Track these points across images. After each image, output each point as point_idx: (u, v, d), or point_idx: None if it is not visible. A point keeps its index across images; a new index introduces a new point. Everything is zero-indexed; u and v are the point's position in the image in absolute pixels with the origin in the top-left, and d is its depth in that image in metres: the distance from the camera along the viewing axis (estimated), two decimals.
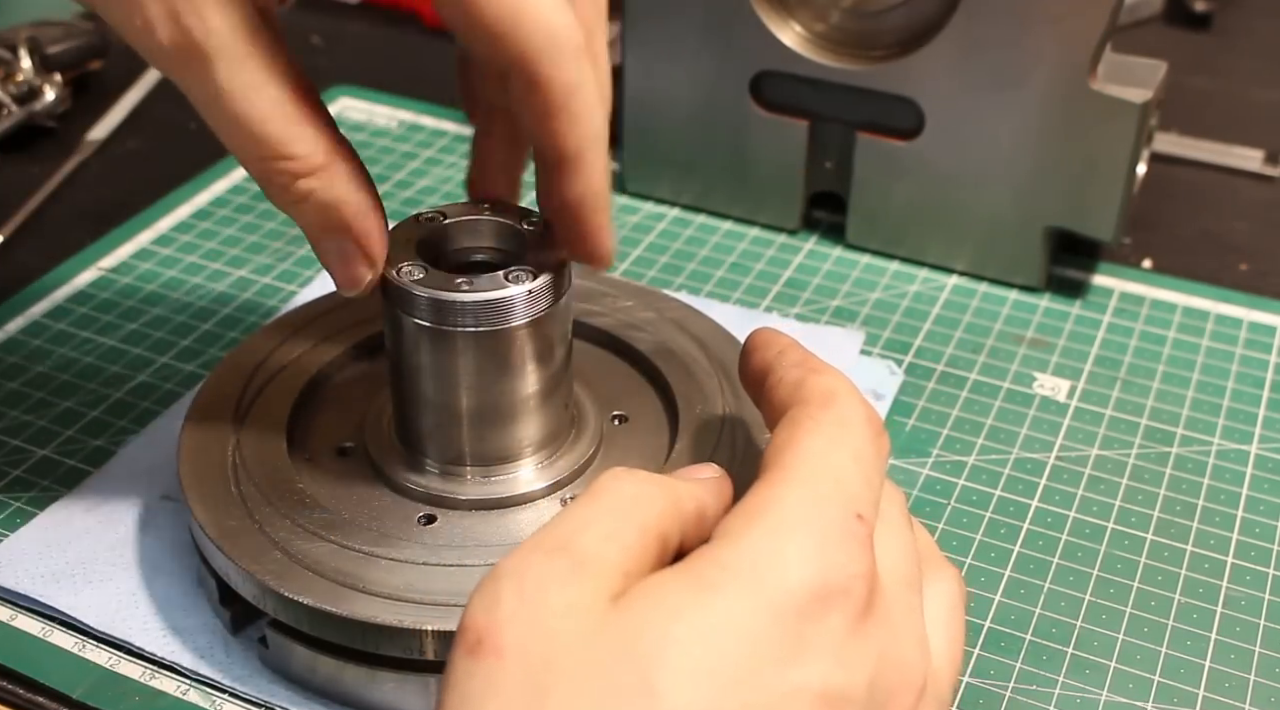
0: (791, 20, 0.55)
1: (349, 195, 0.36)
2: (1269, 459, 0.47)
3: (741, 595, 0.28)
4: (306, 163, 0.35)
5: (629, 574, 0.29)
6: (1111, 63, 0.52)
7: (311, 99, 0.35)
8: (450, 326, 0.37)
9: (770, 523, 0.29)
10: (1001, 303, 0.55)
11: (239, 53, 0.33)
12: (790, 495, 0.30)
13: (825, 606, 0.28)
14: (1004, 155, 0.53)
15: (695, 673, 0.27)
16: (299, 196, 0.35)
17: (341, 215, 0.36)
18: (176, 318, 0.53)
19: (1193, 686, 0.39)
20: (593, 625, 0.27)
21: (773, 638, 0.28)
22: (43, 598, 0.40)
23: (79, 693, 0.38)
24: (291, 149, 0.34)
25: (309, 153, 0.35)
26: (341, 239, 0.36)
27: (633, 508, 0.30)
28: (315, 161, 0.35)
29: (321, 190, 0.35)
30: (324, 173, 0.35)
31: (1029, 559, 0.43)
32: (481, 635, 0.27)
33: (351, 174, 0.36)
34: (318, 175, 0.35)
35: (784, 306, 0.55)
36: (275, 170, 0.35)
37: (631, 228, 0.59)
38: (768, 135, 0.57)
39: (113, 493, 0.44)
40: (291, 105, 0.34)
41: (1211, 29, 0.77)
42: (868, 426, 0.33)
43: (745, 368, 0.38)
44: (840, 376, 0.35)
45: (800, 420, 0.33)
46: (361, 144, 0.65)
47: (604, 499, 0.30)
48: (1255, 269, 0.58)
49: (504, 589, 0.28)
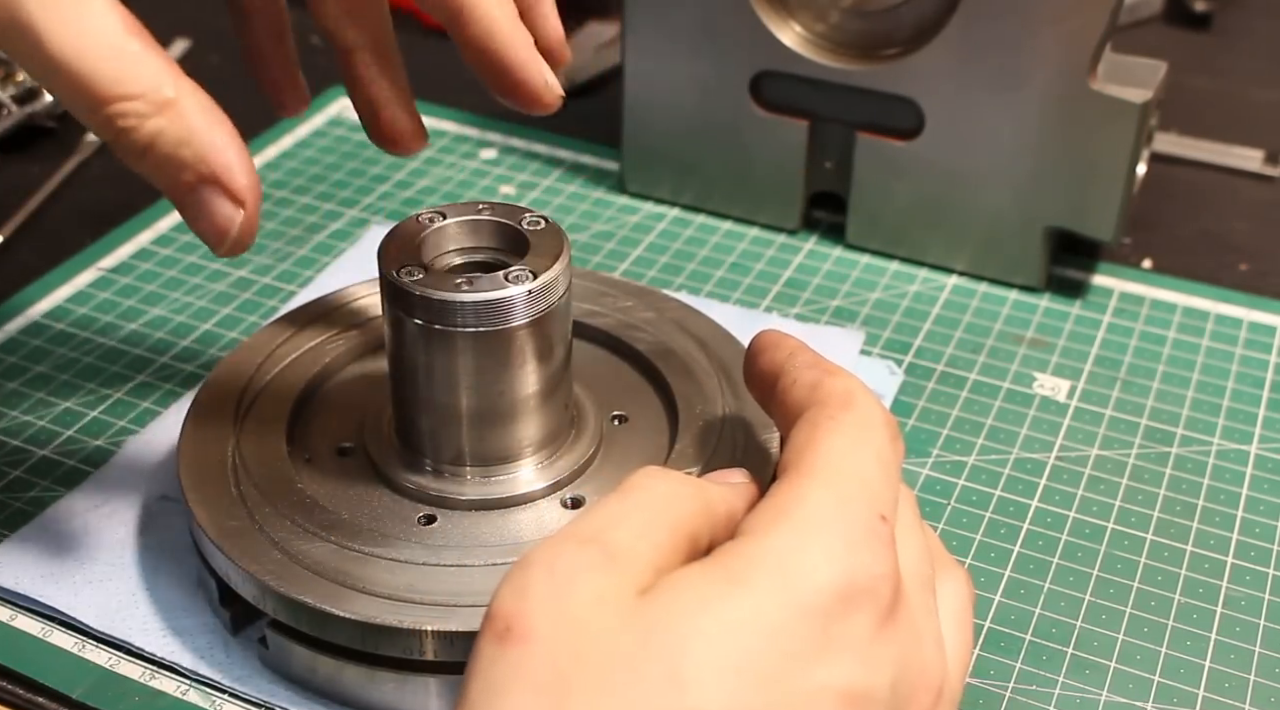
0: (791, 20, 0.55)
1: (203, 128, 0.32)
2: (1269, 459, 0.47)
3: (769, 592, 0.28)
4: (151, 100, 0.31)
5: (659, 570, 0.29)
6: (1111, 63, 0.52)
7: (143, 31, 0.32)
8: (450, 326, 0.37)
9: (797, 521, 0.29)
10: (1001, 303, 0.55)
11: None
12: (815, 494, 0.30)
13: (851, 606, 0.29)
14: (1004, 155, 0.53)
15: (722, 667, 0.27)
16: (147, 139, 0.31)
17: (197, 151, 0.32)
18: (176, 318, 0.53)
19: (1193, 686, 0.39)
20: (621, 617, 0.27)
21: (799, 635, 0.28)
22: (43, 598, 0.40)
23: (79, 693, 0.38)
24: (132, 87, 0.31)
25: (154, 87, 0.31)
26: (203, 183, 0.32)
27: (665, 506, 0.30)
28: (161, 96, 0.31)
29: (171, 128, 0.31)
30: (171, 108, 0.31)
31: (1029, 559, 0.43)
32: (510, 622, 0.27)
33: (201, 104, 0.32)
34: (165, 112, 0.31)
35: (784, 306, 0.55)
36: (117, 113, 0.31)
37: (631, 228, 0.59)
38: (768, 135, 0.57)
39: (113, 493, 0.44)
40: (125, 37, 0.31)
41: (1211, 29, 0.77)
42: (886, 428, 0.33)
43: (752, 369, 0.37)
44: (855, 378, 0.35)
45: (820, 421, 0.33)
46: (362, 144, 0.65)
47: (637, 496, 0.30)
48: (1255, 269, 0.58)
49: (534, 576, 0.28)
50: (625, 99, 0.59)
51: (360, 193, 0.61)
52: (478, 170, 0.63)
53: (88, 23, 0.30)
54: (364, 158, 0.64)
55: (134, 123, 0.31)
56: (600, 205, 0.61)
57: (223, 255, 0.34)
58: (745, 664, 0.27)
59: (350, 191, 0.62)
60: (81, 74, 0.31)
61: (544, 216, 0.40)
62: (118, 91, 0.31)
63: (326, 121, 0.66)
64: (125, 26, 0.31)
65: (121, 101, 0.31)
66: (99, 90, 0.31)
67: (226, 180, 0.32)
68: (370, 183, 0.62)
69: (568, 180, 0.63)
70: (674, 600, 0.28)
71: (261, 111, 0.46)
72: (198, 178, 0.32)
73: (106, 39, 0.31)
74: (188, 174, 0.32)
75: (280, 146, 0.64)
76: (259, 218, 0.33)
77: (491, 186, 0.62)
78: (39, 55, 0.30)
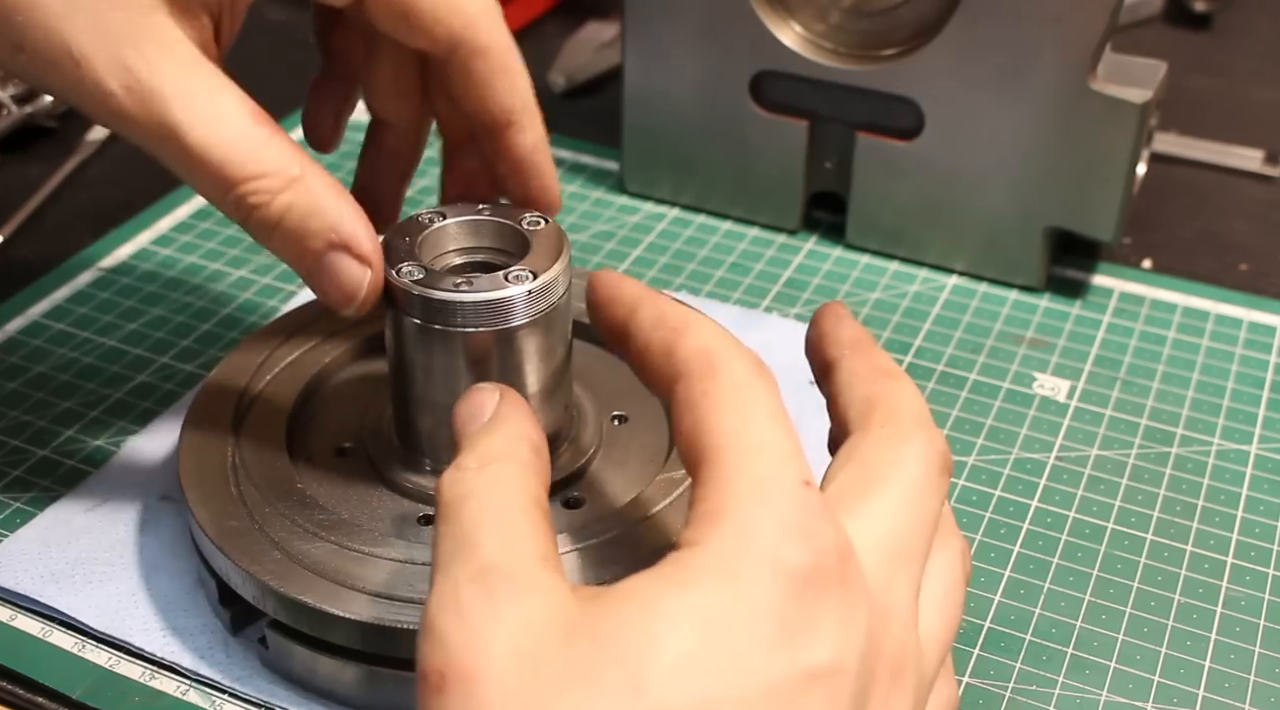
0: (791, 20, 0.55)
1: (329, 201, 0.35)
2: (1269, 459, 0.47)
3: (717, 591, 0.28)
4: (281, 177, 0.35)
5: (545, 557, 0.29)
6: (1111, 63, 0.52)
7: (268, 118, 0.35)
8: (450, 326, 0.37)
9: (727, 527, 0.29)
10: (1001, 303, 0.55)
11: (192, 87, 0.34)
12: (733, 490, 0.29)
13: (801, 587, 0.28)
14: (1004, 155, 0.53)
15: (682, 664, 0.26)
16: (278, 213, 0.35)
17: (325, 220, 0.35)
18: (176, 318, 0.53)
19: (1193, 686, 0.39)
20: (566, 630, 0.27)
21: (754, 625, 0.27)
22: (43, 598, 0.40)
23: (79, 693, 0.38)
24: (262, 168, 0.35)
25: (282, 167, 0.35)
26: (332, 249, 0.36)
27: (496, 499, 0.30)
28: (289, 174, 0.35)
29: (300, 201, 0.35)
30: (299, 184, 0.35)
31: (1029, 559, 0.43)
32: (444, 670, 0.27)
33: (326, 181, 0.36)
34: (293, 188, 0.35)
35: (784, 306, 0.55)
36: (250, 192, 0.35)
37: (631, 228, 0.59)
38: (768, 135, 0.57)
39: (113, 493, 0.44)
40: (254, 126, 0.35)
41: (1211, 29, 0.77)
42: (760, 378, 0.31)
43: (598, 324, 0.36)
44: (705, 326, 0.33)
45: (694, 400, 0.31)
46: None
47: (466, 507, 0.30)
48: (1255, 269, 0.58)
49: (448, 628, 0.27)
50: (625, 99, 0.59)
51: None
52: None
53: (223, 119, 0.34)
54: None
55: (265, 199, 0.35)
56: (600, 205, 0.61)
57: (349, 315, 0.37)
58: (705, 659, 0.27)
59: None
60: (218, 161, 0.34)
61: (544, 216, 0.40)
62: (249, 172, 0.34)
63: None
64: (254, 118, 0.35)
65: (254, 180, 0.34)
66: (233, 173, 0.34)
67: (354, 245, 0.36)
68: None
69: (568, 180, 0.63)
70: (623, 608, 0.27)
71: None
72: (327, 245, 0.36)
73: (240, 130, 0.34)
74: (317, 242, 0.36)
75: None
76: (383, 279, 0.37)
77: None
78: (181, 150, 0.34)
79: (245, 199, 0.35)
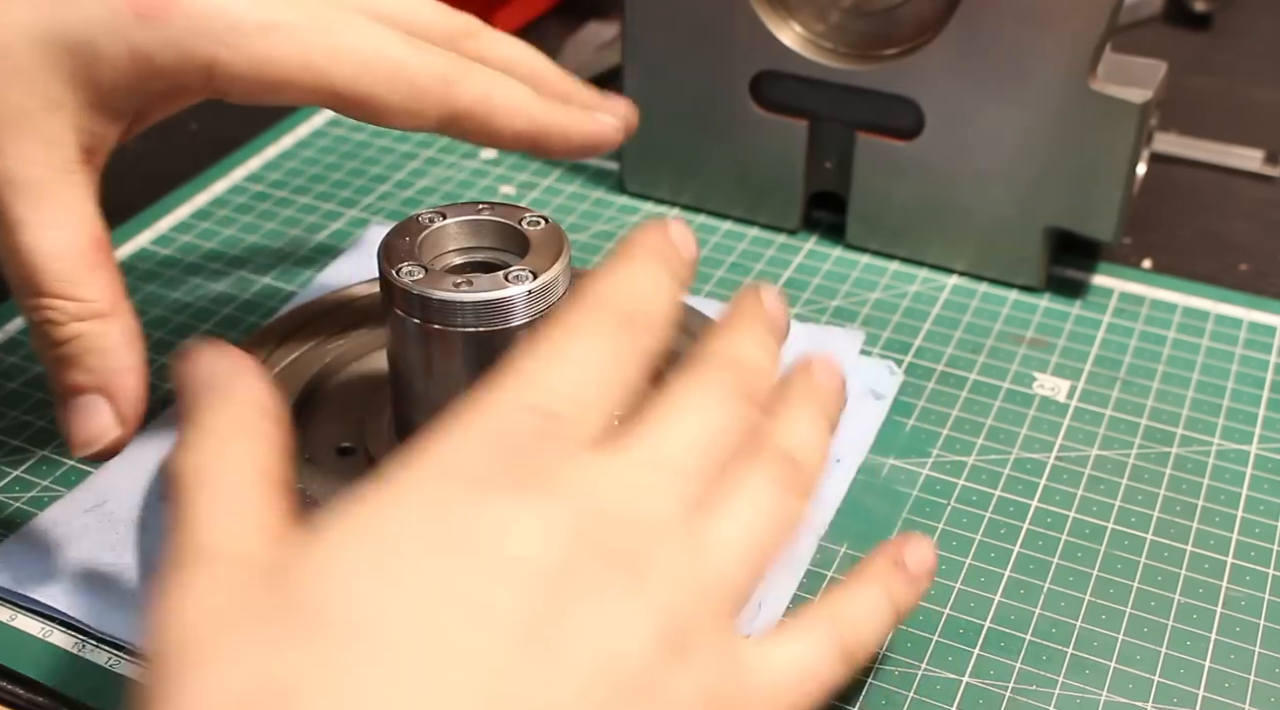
0: (791, 20, 0.55)
1: (122, 350, 0.36)
2: (1269, 459, 0.47)
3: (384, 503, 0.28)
4: (86, 308, 0.35)
5: (266, 528, 0.28)
6: (1111, 63, 0.52)
7: (106, 250, 0.36)
8: (450, 326, 0.37)
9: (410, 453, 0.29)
10: (1001, 303, 0.55)
11: (49, 191, 0.35)
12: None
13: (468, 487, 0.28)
14: (1004, 155, 0.53)
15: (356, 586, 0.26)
16: (66, 337, 0.35)
17: (106, 365, 0.36)
18: (176, 318, 0.53)
19: (1193, 686, 0.39)
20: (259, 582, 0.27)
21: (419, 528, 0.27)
22: (43, 598, 0.40)
23: (79, 693, 0.38)
24: (74, 292, 0.35)
25: (92, 298, 0.35)
26: (95, 393, 0.36)
27: (216, 475, 0.29)
28: (99, 307, 0.35)
29: (93, 337, 0.35)
30: (102, 321, 0.36)
31: (1029, 559, 0.43)
32: (154, 652, 0.26)
33: (127, 332, 0.36)
34: (94, 322, 0.35)
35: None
36: (50, 306, 0.35)
37: (631, 228, 0.59)
38: (768, 135, 0.57)
39: (113, 493, 0.44)
40: (86, 250, 0.35)
41: (1211, 29, 0.77)
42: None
43: None
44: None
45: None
46: (362, 144, 0.65)
47: (185, 486, 0.29)
48: (1255, 269, 0.58)
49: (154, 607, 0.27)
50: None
51: (360, 193, 0.61)
52: (478, 170, 0.63)
53: (60, 232, 0.35)
54: (364, 158, 0.64)
55: (61, 319, 0.35)
56: (600, 205, 0.61)
57: (77, 454, 0.37)
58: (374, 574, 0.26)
59: (350, 191, 0.62)
60: (37, 267, 0.35)
61: (544, 216, 0.40)
62: (58, 290, 0.35)
63: (326, 121, 0.66)
64: (92, 243, 0.35)
65: (59, 299, 0.35)
66: (45, 283, 0.35)
67: (121, 402, 0.36)
68: (370, 183, 0.62)
69: (568, 180, 0.63)
70: (309, 542, 0.27)
71: (262, 110, 0.46)
72: (94, 387, 0.36)
73: (72, 247, 0.35)
74: (86, 379, 0.36)
75: (280, 146, 0.64)
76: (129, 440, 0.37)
77: (491, 186, 0.62)
78: (11, 242, 0.35)
79: (44, 310, 0.35)
